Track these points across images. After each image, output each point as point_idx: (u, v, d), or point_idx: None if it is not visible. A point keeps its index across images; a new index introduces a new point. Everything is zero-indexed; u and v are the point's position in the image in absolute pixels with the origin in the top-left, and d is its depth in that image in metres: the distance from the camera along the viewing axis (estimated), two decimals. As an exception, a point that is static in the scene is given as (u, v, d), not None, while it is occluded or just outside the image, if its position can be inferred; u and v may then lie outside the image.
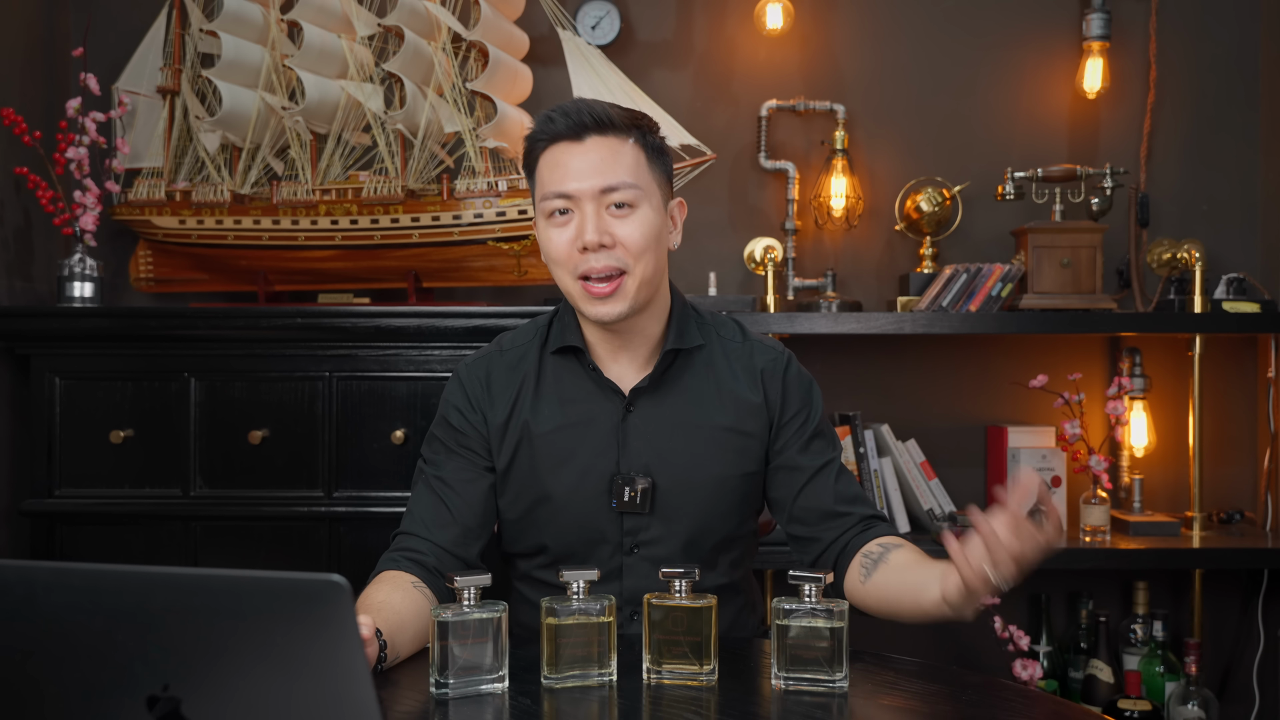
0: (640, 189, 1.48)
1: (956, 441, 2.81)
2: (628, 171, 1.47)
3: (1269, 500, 2.74)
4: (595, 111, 1.48)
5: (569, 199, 1.47)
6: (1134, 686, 2.45)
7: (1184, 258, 2.64)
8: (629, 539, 1.54)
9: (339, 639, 0.79)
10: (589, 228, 1.45)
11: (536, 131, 1.51)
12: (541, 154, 1.50)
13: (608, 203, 1.47)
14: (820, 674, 1.24)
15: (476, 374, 1.59)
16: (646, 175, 1.50)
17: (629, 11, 2.82)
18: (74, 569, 0.83)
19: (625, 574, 1.55)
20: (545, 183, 1.49)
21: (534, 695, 1.24)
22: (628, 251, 1.47)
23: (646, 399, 1.55)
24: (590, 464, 1.53)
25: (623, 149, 1.48)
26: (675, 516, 1.54)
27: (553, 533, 1.55)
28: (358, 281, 2.65)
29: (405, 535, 1.52)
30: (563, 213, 1.48)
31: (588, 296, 1.48)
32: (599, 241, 1.45)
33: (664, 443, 1.54)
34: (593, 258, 1.46)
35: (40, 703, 0.84)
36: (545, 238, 1.51)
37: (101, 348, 2.39)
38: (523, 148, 1.54)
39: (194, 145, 2.64)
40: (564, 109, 1.48)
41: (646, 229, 1.48)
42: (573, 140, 1.48)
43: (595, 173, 1.46)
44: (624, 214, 1.47)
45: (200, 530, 2.38)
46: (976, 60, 2.84)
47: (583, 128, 1.47)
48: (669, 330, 1.57)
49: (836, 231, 2.83)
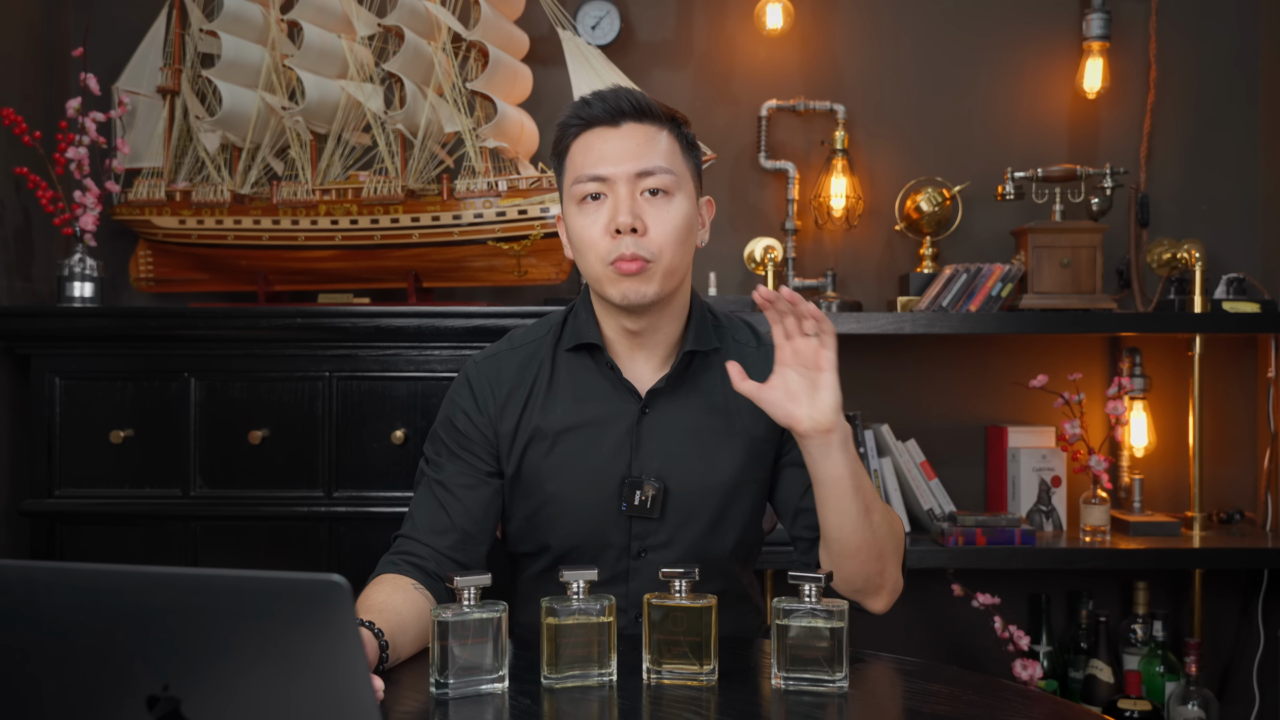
0: (675, 175, 1.46)
1: (956, 441, 2.81)
2: (663, 157, 1.45)
3: (1269, 500, 2.74)
4: (634, 98, 1.46)
5: (603, 181, 1.44)
6: (1134, 686, 2.45)
7: (1184, 258, 2.65)
8: (637, 543, 1.52)
9: (339, 639, 0.79)
10: (623, 209, 1.42)
11: (570, 117, 1.48)
12: (574, 139, 1.48)
13: (642, 188, 1.44)
14: (820, 674, 1.24)
15: (486, 375, 1.55)
16: (681, 164, 1.48)
17: (629, 11, 2.82)
18: (74, 569, 0.83)
19: (632, 578, 1.53)
20: (578, 166, 1.46)
21: (534, 695, 1.24)
22: (656, 241, 1.44)
23: (662, 401, 1.53)
24: (602, 465, 1.51)
25: (659, 136, 1.46)
26: (686, 522, 1.52)
27: (560, 534, 1.53)
28: (358, 281, 2.65)
29: (405, 539, 1.51)
30: (595, 197, 1.45)
31: (616, 275, 1.43)
32: (631, 224, 1.42)
33: (677, 447, 1.51)
34: (624, 243, 1.42)
35: (40, 703, 0.84)
36: (575, 225, 1.47)
37: (101, 348, 2.39)
38: (555, 137, 1.51)
39: (194, 145, 2.64)
40: (601, 94, 1.47)
41: (679, 219, 1.45)
42: (609, 125, 1.46)
43: (631, 156, 1.44)
44: (658, 201, 1.45)
45: (200, 530, 2.38)
46: (976, 60, 2.84)
47: (620, 113, 1.45)
48: (687, 332, 1.55)
49: (836, 231, 2.83)
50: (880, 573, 1.44)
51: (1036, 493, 2.66)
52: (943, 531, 2.53)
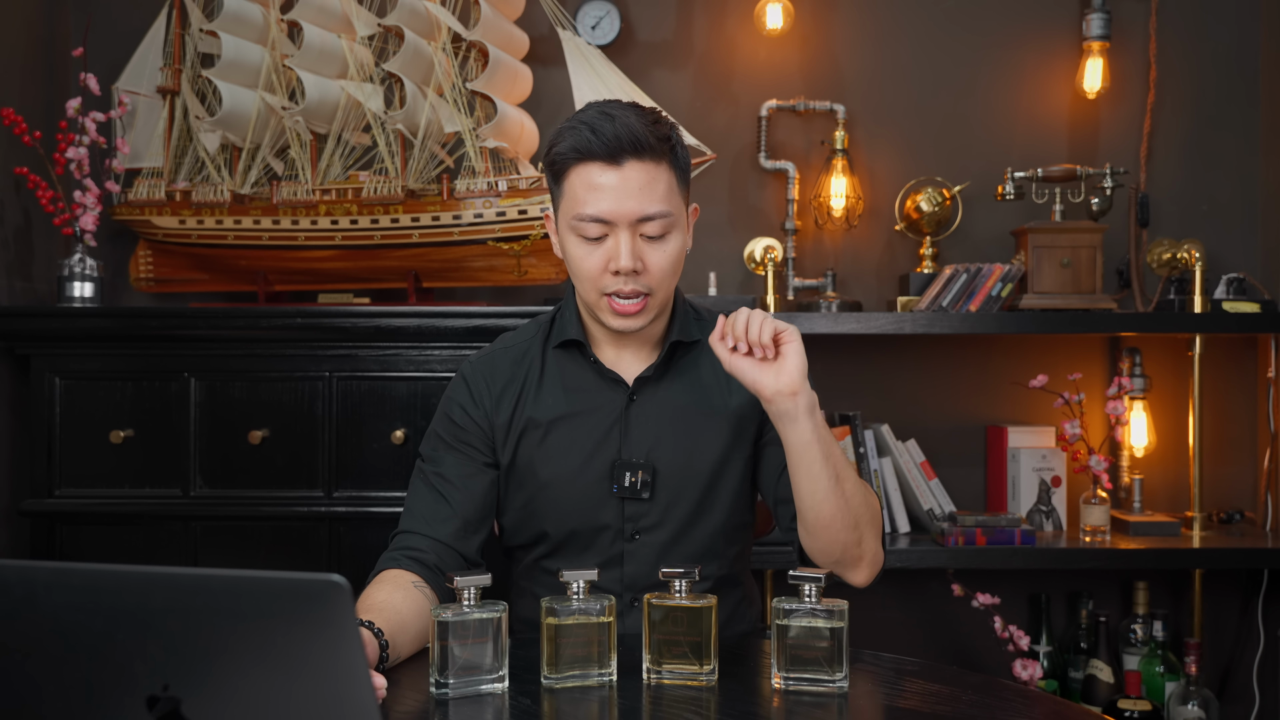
0: (673, 216, 1.49)
1: (956, 441, 2.82)
2: (663, 199, 1.48)
3: (1269, 500, 2.74)
4: (634, 133, 1.45)
5: (605, 224, 1.47)
6: (1134, 686, 2.45)
7: (1184, 258, 2.64)
8: (630, 525, 1.56)
9: (339, 639, 0.79)
10: (624, 254, 1.47)
11: (568, 148, 1.48)
12: (572, 167, 1.49)
13: (642, 231, 1.48)
14: (820, 674, 1.24)
15: (481, 371, 1.61)
16: (678, 199, 1.52)
17: (629, 11, 2.82)
18: (74, 569, 0.83)
19: (626, 560, 1.57)
20: (580, 202, 1.48)
21: (534, 695, 1.24)
22: (654, 277, 1.50)
23: (649, 388, 1.59)
24: (593, 451, 1.56)
25: (658, 174, 1.48)
26: (676, 502, 1.56)
27: (554, 519, 1.57)
28: (358, 281, 2.65)
29: (404, 534, 1.53)
30: (595, 236, 1.49)
31: (612, 312, 1.51)
32: (632, 268, 1.47)
33: (665, 430, 1.57)
34: (623, 280, 1.48)
35: (40, 703, 0.84)
36: (575, 254, 1.51)
37: (101, 348, 2.38)
38: (549, 154, 1.52)
39: (194, 145, 2.64)
40: (598, 128, 1.45)
41: (675, 253, 1.52)
42: (609, 164, 1.46)
43: (633, 199, 1.46)
44: (657, 242, 1.49)
45: (200, 530, 2.38)
46: (976, 60, 2.84)
47: (620, 152, 1.45)
48: (671, 326, 1.61)
49: (836, 231, 2.83)
50: (858, 543, 1.47)
51: (1036, 493, 2.66)
52: (943, 531, 2.53)
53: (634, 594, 1.56)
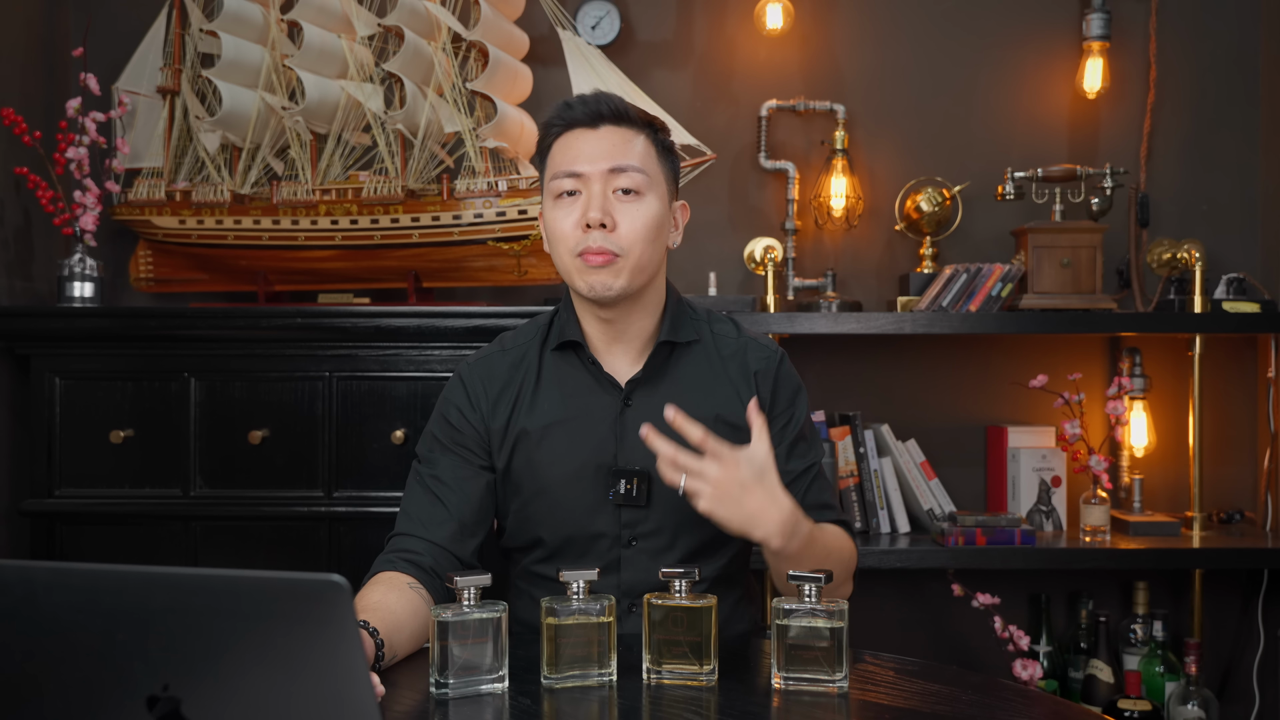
0: (647, 176, 1.52)
1: (956, 441, 2.82)
2: (637, 158, 1.52)
3: (1269, 500, 2.74)
4: (613, 103, 1.54)
5: (578, 178, 1.51)
6: (1134, 686, 2.45)
7: (1184, 258, 2.64)
8: (627, 531, 1.56)
9: (339, 639, 0.79)
10: (594, 205, 1.49)
11: (553, 118, 1.56)
12: (556, 139, 1.56)
13: (615, 186, 1.51)
14: (820, 674, 1.24)
15: (478, 374, 1.60)
16: (655, 166, 1.55)
17: (629, 11, 2.82)
18: (74, 569, 0.83)
19: (623, 567, 1.56)
20: (556, 163, 1.54)
21: (534, 695, 1.24)
22: (625, 238, 1.50)
23: (643, 392, 1.58)
24: (588, 457, 1.55)
25: (635, 139, 1.54)
26: (672, 508, 1.55)
27: (551, 526, 1.56)
28: (358, 281, 2.65)
29: (400, 536, 1.53)
30: (570, 193, 1.52)
31: (584, 267, 1.50)
32: (600, 219, 1.48)
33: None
34: (592, 236, 1.49)
35: (40, 703, 0.84)
36: (551, 219, 1.54)
37: (101, 348, 2.39)
38: (539, 138, 1.59)
39: (194, 145, 2.64)
40: (582, 98, 1.55)
41: (649, 217, 1.52)
42: (588, 127, 1.53)
43: (605, 155, 1.51)
44: (629, 200, 1.51)
45: (200, 530, 2.38)
46: (976, 60, 2.84)
47: (599, 116, 1.53)
48: (662, 324, 1.60)
49: (836, 231, 2.83)
50: (832, 593, 1.48)
51: (1036, 493, 2.66)
52: (943, 531, 2.53)
53: (631, 600, 1.55)
